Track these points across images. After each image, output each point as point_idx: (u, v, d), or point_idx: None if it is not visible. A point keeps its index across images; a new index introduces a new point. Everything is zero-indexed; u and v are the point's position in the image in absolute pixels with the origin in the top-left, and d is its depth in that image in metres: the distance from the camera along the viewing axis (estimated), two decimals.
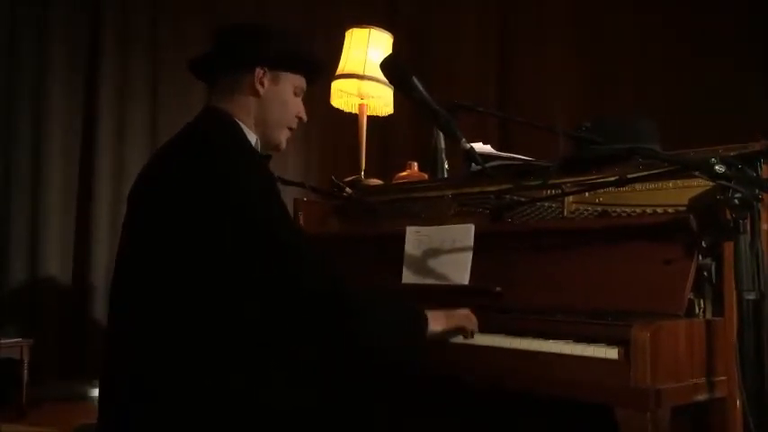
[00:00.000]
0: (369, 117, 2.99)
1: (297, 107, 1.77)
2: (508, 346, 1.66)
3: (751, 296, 1.43)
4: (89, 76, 3.90)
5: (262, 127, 1.71)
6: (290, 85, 1.74)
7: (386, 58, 1.56)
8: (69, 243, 3.85)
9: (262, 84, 1.69)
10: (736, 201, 1.42)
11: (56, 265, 3.79)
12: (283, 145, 1.79)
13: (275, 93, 1.71)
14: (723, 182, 1.44)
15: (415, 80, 1.50)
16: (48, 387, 3.48)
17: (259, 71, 1.68)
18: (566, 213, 1.98)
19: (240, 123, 1.68)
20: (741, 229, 1.44)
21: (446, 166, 2.39)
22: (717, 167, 1.41)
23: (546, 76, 4.57)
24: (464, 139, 1.52)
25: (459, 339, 1.74)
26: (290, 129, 1.78)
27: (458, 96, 4.42)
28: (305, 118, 1.80)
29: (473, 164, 1.99)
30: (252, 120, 1.70)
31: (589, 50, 4.45)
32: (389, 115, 3.13)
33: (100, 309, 3.87)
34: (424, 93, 1.51)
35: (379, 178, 2.79)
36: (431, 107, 1.51)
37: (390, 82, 1.60)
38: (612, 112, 4.07)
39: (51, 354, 3.60)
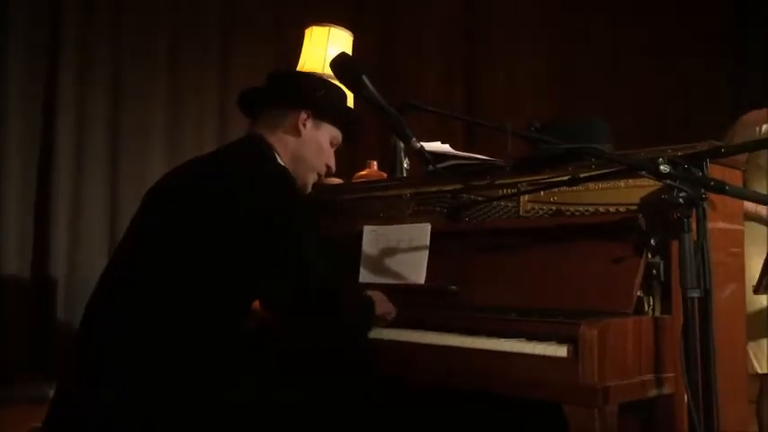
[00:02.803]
0: None
1: (329, 156, 1.91)
2: (461, 345, 1.66)
3: (695, 294, 1.45)
4: (49, 74, 3.82)
5: (295, 164, 1.83)
6: (328, 134, 1.88)
7: (335, 57, 1.56)
8: (28, 242, 3.78)
9: (304, 125, 1.82)
10: (681, 200, 1.44)
11: (14, 264, 3.72)
12: (309, 188, 1.93)
13: (314, 137, 1.85)
14: (668, 181, 1.46)
15: (365, 79, 1.50)
16: (7, 390, 3.42)
17: (304, 114, 1.82)
18: (521, 212, 1.99)
19: (276, 155, 1.79)
20: (686, 228, 1.46)
21: (405, 165, 2.39)
22: (662, 167, 1.43)
23: (515, 76, 4.58)
24: (414, 139, 1.53)
25: (413, 338, 1.75)
26: (319, 175, 1.92)
27: (424, 96, 4.43)
28: (333, 169, 1.95)
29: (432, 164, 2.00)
30: (288, 155, 1.82)
31: (559, 51, 4.48)
32: (360, 113, 3.11)
33: (61, 309, 3.81)
34: (374, 92, 1.51)
35: (344, 177, 2.78)
36: (381, 106, 1.51)
37: (340, 81, 1.60)
38: (584, 112, 4.11)
39: (10, 356, 3.54)
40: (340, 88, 1.90)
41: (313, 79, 1.99)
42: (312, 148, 1.84)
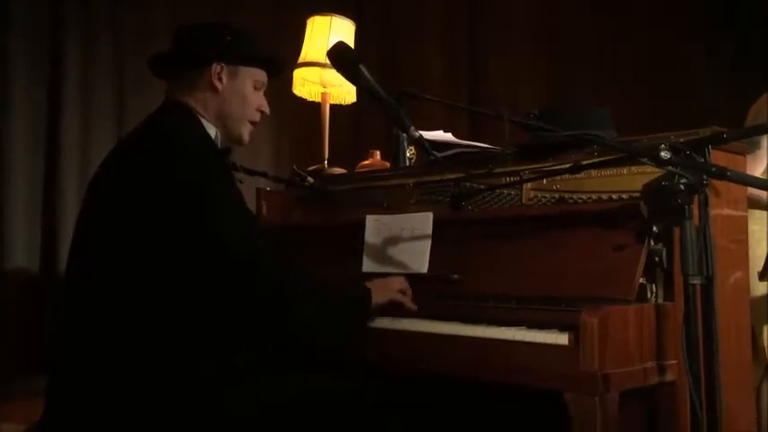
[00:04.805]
0: (335, 105, 2.98)
1: (258, 101, 1.79)
2: (462, 334, 1.66)
3: (696, 281, 1.44)
4: (52, 66, 3.83)
5: (222, 121, 1.75)
6: (250, 79, 1.77)
7: (333, 47, 1.55)
8: (36, 236, 3.81)
9: (220, 79, 1.72)
10: (682, 186, 1.43)
11: (22, 258, 3.74)
12: (246, 138, 1.81)
13: (234, 87, 1.74)
14: (669, 168, 1.45)
15: (363, 69, 1.49)
16: (13, 383, 3.45)
17: (216, 66, 1.71)
18: (524, 200, 1.98)
19: (200, 117, 1.71)
20: (687, 215, 1.45)
21: (408, 155, 2.38)
22: (662, 154, 1.41)
23: (516, 66, 4.55)
24: (412, 128, 1.52)
25: (414, 327, 1.75)
26: (252, 123, 1.80)
27: (430, 88, 4.40)
28: (267, 111, 1.83)
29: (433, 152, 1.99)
30: (211, 114, 1.73)
31: (562, 39, 4.44)
32: (361, 102, 3.11)
33: None
34: (372, 81, 1.50)
35: (347, 166, 2.78)
36: (378, 96, 1.50)
37: (338, 71, 1.59)
38: (585, 98, 4.08)
39: (17, 349, 3.57)
40: (249, 27, 1.79)
41: (216, 28, 1.81)
42: (235, 100, 1.74)
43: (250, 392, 1.51)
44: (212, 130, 1.73)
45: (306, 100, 3.04)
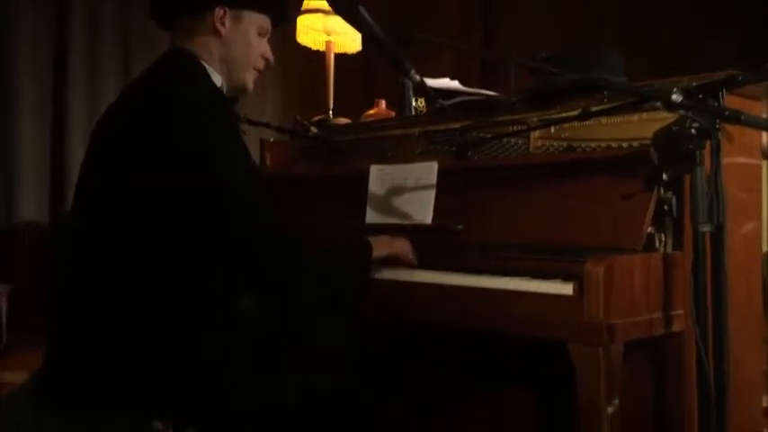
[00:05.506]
0: (340, 54, 2.92)
1: (261, 47, 1.75)
2: (466, 284, 1.64)
3: (706, 228, 1.40)
4: (59, 17, 3.79)
5: (226, 67, 1.70)
6: (254, 25, 1.71)
7: None
8: (45, 188, 3.81)
9: (223, 23, 1.67)
10: (693, 131, 1.38)
11: (32, 210, 3.75)
12: (250, 86, 1.76)
13: (237, 32, 1.69)
14: (681, 111, 1.40)
15: (362, 11, 1.43)
16: (25, 333, 3.49)
17: (219, 10, 1.66)
18: (531, 149, 1.94)
19: (205, 64, 1.66)
20: (698, 161, 1.40)
21: (414, 104, 2.33)
22: (674, 97, 1.36)
23: (529, 15, 4.46)
24: (413, 71, 1.47)
25: (417, 278, 1.73)
26: (257, 70, 1.76)
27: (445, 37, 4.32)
28: (271, 59, 1.78)
29: (438, 100, 1.94)
30: (215, 60, 1.68)
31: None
32: (366, 51, 3.04)
33: None
34: (372, 23, 1.45)
35: (352, 116, 2.73)
36: (378, 39, 1.45)
37: (336, 13, 1.54)
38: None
39: (29, 300, 3.60)
40: None
41: None
42: (239, 45, 1.69)
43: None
44: (217, 78, 1.69)
45: (310, 49, 2.98)
